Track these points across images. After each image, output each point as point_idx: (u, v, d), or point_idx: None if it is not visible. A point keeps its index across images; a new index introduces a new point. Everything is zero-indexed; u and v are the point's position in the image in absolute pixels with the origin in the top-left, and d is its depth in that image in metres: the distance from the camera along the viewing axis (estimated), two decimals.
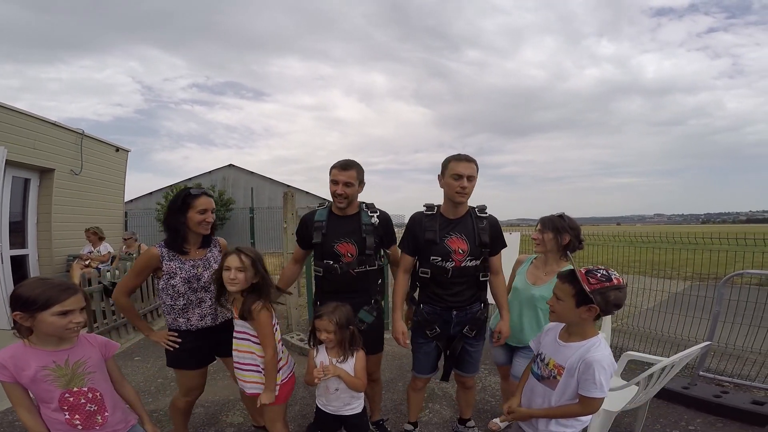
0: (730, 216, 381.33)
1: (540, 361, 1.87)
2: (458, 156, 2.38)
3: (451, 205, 2.44)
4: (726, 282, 3.46)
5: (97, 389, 1.68)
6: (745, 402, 2.98)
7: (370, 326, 2.49)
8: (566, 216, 2.44)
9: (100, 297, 4.64)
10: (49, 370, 1.59)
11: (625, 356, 2.93)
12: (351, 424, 2.26)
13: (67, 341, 1.65)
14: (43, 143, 6.40)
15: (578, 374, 1.68)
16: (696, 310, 4.06)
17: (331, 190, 2.46)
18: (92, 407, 1.66)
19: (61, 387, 1.60)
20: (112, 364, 1.81)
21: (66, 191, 6.88)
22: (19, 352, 1.60)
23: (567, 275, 1.76)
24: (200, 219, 2.27)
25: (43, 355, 1.60)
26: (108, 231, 7.18)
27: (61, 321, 1.56)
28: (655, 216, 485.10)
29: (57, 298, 1.56)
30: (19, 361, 1.57)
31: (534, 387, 1.85)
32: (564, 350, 1.76)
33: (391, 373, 3.84)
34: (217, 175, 22.79)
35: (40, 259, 6.62)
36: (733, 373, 3.59)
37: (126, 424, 1.77)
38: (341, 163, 2.48)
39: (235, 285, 2.07)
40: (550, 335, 1.88)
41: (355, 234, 2.49)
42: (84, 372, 1.66)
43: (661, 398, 3.15)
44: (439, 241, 2.39)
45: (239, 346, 2.16)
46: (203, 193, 2.34)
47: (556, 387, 1.75)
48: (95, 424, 1.66)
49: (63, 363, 1.62)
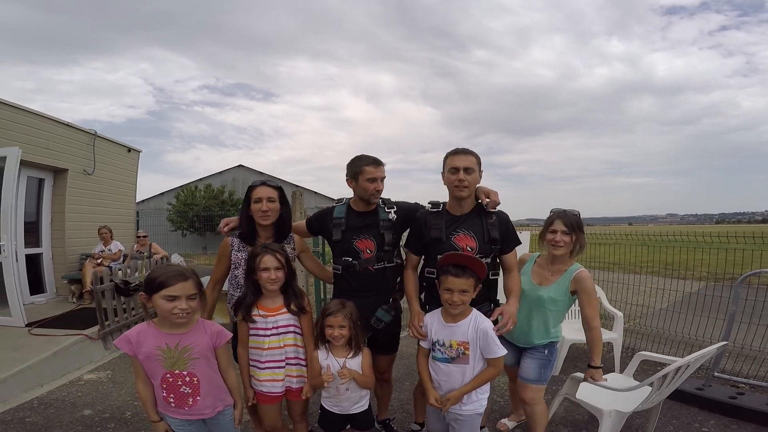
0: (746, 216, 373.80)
1: (441, 347, 2.09)
2: (455, 150, 2.31)
3: (455, 202, 2.34)
4: (742, 281, 3.38)
5: (196, 374, 1.82)
6: (761, 403, 2.91)
7: (387, 325, 2.44)
8: (574, 210, 2.39)
9: (111, 295, 4.69)
10: (160, 350, 1.76)
11: (638, 356, 2.88)
12: (359, 421, 2.24)
13: (180, 326, 1.80)
14: (57, 144, 6.49)
15: (480, 342, 2.02)
16: (711, 310, 3.98)
17: (370, 189, 2.38)
18: (186, 390, 1.81)
19: (165, 367, 1.77)
20: (222, 351, 1.93)
21: (79, 191, 6.97)
22: (144, 330, 1.79)
23: (460, 270, 2.00)
24: (255, 208, 2.30)
25: (161, 336, 1.78)
26: (120, 230, 7.27)
27: (167, 305, 1.71)
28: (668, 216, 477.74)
29: (166, 283, 1.71)
30: (140, 337, 1.76)
31: (449, 371, 2.07)
32: (458, 329, 2.06)
33: (399, 372, 3.81)
34: (227, 175, 22.98)
35: (54, 258, 6.72)
36: (749, 374, 3.51)
37: (213, 409, 1.89)
38: (374, 159, 2.41)
39: (276, 284, 2.10)
40: (434, 324, 2.13)
41: (373, 230, 2.44)
42: (189, 357, 1.80)
43: (674, 399, 3.09)
44: (445, 239, 2.30)
45: (284, 341, 2.15)
46: (262, 183, 2.37)
47: (468, 361, 2.03)
48: (185, 404, 1.82)
49: (173, 346, 1.77)
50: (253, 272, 2.11)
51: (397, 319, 2.53)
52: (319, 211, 2.67)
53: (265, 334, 2.13)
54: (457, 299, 2.01)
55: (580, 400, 2.53)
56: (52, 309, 5.67)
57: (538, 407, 2.41)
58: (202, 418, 1.89)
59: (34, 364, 3.72)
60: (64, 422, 3.04)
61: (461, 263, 2.04)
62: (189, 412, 1.84)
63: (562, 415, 3.00)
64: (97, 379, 3.87)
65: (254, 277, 2.11)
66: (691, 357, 2.22)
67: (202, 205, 18.70)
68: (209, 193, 20.19)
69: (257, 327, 2.13)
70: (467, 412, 2.08)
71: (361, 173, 2.38)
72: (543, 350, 2.43)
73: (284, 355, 2.16)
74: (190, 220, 17.20)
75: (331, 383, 2.12)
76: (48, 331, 4.49)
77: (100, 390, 3.61)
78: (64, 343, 4.13)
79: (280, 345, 2.14)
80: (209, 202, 19.28)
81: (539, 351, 2.44)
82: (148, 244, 6.95)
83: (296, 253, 2.49)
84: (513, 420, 2.91)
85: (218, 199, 19.76)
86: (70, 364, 4.06)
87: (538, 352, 2.44)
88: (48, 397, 3.47)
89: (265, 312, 2.13)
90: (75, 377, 3.89)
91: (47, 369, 3.81)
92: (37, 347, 4.03)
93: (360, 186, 2.40)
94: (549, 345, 2.44)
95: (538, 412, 2.41)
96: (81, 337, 4.34)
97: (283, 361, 2.16)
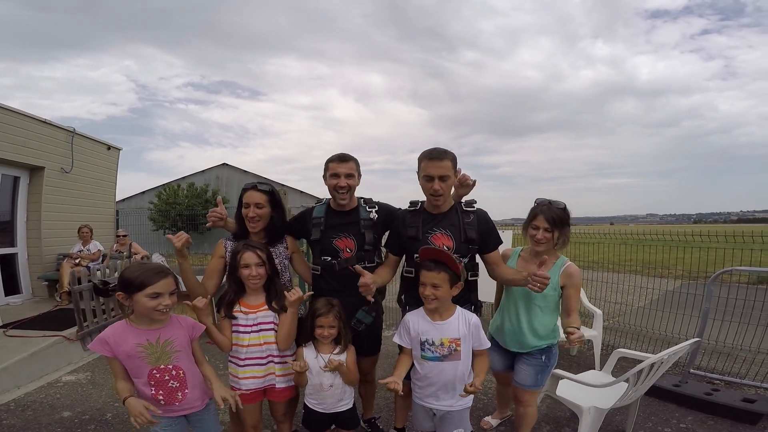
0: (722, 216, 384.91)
1: (431, 346, 2.07)
2: (430, 153, 2.19)
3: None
4: (715, 279, 3.48)
5: (181, 367, 1.84)
6: (735, 399, 2.99)
7: (368, 327, 2.43)
8: (559, 203, 2.31)
9: (90, 296, 4.58)
10: (143, 347, 1.76)
11: (616, 353, 2.94)
12: (344, 419, 2.24)
13: (159, 321, 1.81)
14: (33, 141, 6.32)
15: (472, 337, 2.06)
16: (687, 308, 4.09)
17: (331, 185, 2.36)
18: (174, 384, 1.82)
19: (150, 363, 1.77)
20: (196, 344, 1.95)
21: (56, 189, 6.80)
22: (120, 329, 1.78)
23: (433, 264, 2.01)
24: (244, 213, 2.30)
25: (140, 333, 1.78)
26: (99, 230, 7.10)
27: (151, 302, 1.73)
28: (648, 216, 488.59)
29: (149, 281, 1.72)
30: (119, 337, 1.75)
31: (441, 368, 2.06)
32: (448, 326, 2.06)
33: (383, 372, 3.82)
34: (211, 174, 22.65)
35: (30, 258, 6.54)
36: (724, 370, 3.62)
37: (202, 402, 1.92)
38: (339, 155, 2.39)
39: (258, 281, 2.10)
40: (420, 324, 2.11)
41: (353, 229, 2.42)
42: (171, 350, 1.82)
43: (652, 396, 3.17)
44: (421, 237, 2.27)
45: (264, 338, 2.13)
46: (253, 186, 2.35)
47: (460, 356, 2.05)
48: (175, 400, 1.83)
49: (155, 341, 1.78)
50: (236, 269, 2.11)
51: (378, 321, 2.51)
52: (299, 213, 2.65)
53: (245, 330, 2.12)
54: (429, 293, 2.01)
55: (560, 397, 2.58)
56: (28, 310, 5.51)
57: (531, 409, 2.43)
58: (187, 414, 1.89)
59: (10, 366, 3.61)
60: (42, 424, 2.97)
61: (435, 258, 2.05)
62: (180, 407, 1.85)
63: (544, 412, 3.05)
64: (75, 380, 3.79)
65: (236, 274, 2.11)
66: (665, 353, 2.28)
67: (185, 204, 18.38)
68: (192, 191, 19.86)
69: (238, 324, 2.12)
70: (458, 408, 2.10)
71: (327, 169, 2.40)
72: (540, 356, 2.35)
73: (267, 351, 2.15)
74: (173, 219, 16.89)
75: (312, 380, 2.12)
76: (24, 332, 4.36)
77: (79, 391, 3.53)
78: (41, 345, 4.02)
79: (260, 342, 2.13)
80: (192, 201, 18.96)
81: (536, 357, 2.35)
82: (128, 244, 6.82)
83: (288, 254, 2.47)
84: (496, 417, 2.94)
85: (201, 198, 19.45)
86: (48, 365, 3.96)
87: (535, 358, 2.35)
88: (25, 399, 3.38)
89: (246, 309, 2.13)
90: (53, 379, 3.80)
91: (24, 370, 3.71)
92: (13, 348, 3.92)
93: (326, 182, 2.41)
94: (546, 350, 2.35)
95: (530, 414, 2.43)
96: (58, 338, 4.23)
97: (265, 358, 2.15)
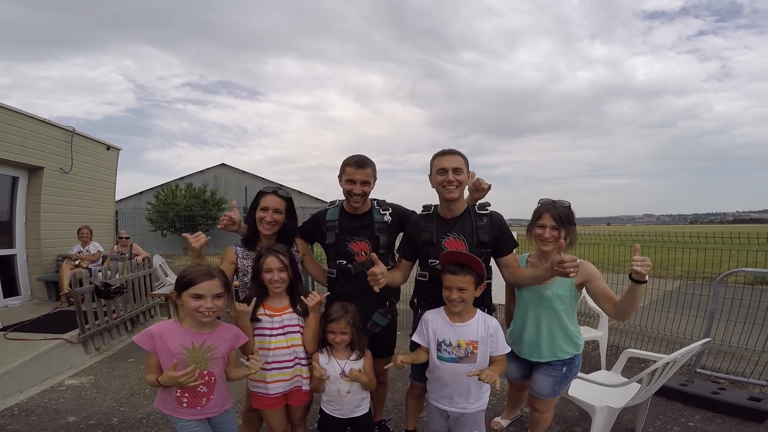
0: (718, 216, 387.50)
1: (447, 347, 2.07)
2: (442, 151, 2.26)
3: (446, 204, 2.28)
4: (721, 280, 3.50)
5: (214, 374, 1.83)
6: (742, 398, 3.02)
7: (384, 329, 2.42)
8: (563, 201, 2.27)
9: (91, 298, 4.54)
10: (186, 349, 1.75)
11: (626, 353, 2.94)
12: (360, 424, 2.22)
13: (207, 326, 1.81)
14: (32, 141, 6.26)
15: (490, 341, 2.04)
16: (690, 308, 4.10)
17: (346, 189, 2.34)
18: (203, 389, 1.81)
19: (187, 366, 1.71)
20: (233, 352, 1.95)
21: (55, 190, 6.74)
22: (170, 327, 1.79)
23: (458, 268, 2.00)
24: (260, 216, 2.27)
25: (187, 335, 1.78)
26: (98, 231, 7.05)
27: (193, 303, 1.73)
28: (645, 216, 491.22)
29: (193, 281, 1.72)
30: (165, 335, 1.75)
31: (455, 370, 2.05)
32: (467, 329, 2.06)
33: (392, 373, 3.80)
34: (209, 174, 22.59)
35: (29, 259, 6.48)
36: (729, 370, 3.64)
37: (221, 408, 1.90)
38: (357, 160, 2.33)
39: (280, 285, 2.08)
40: (438, 324, 2.11)
41: (367, 232, 2.41)
42: (211, 357, 1.81)
43: (660, 395, 3.18)
44: (436, 242, 2.25)
45: (290, 340, 2.12)
46: (273, 191, 2.32)
47: (476, 359, 2.03)
48: (198, 404, 1.81)
49: (198, 345, 1.78)
50: (259, 273, 2.10)
51: (393, 323, 2.51)
52: (312, 216, 2.63)
53: (270, 333, 2.10)
54: (455, 296, 2.00)
55: (573, 397, 2.57)
56: (28, 312, 5.47)
57: (547, 415, 2.42)
58: (209, 417, 1.88)
59: (12, 370, 3.58)
60: (48, 429, 2.94)
61: (460, 261, 2.04)
62: (200, 412, 1.83)
63: (554, 412, 3.04)
64: (79, 384, 3.75)
65: (260, 278, 2.10)
66: (678, 353, 2.28)
67: (183, 205, 18.30)
68: (190, 192, 19.77)
69: (263, 327, 2.10)
70: (473, 410, 2.10)
71: (343, 172, 2.38)
72: (561, 368, 2.27)
73: (294, 354, 2.13)
74: (171, 220, 16.81)
75: (330, 386, 2.11)
76: (25, 335, 4.32)
77: (84, 396, 3.50)
78: (43, 348, 3.98)
79: (286, 345, 2.11)
80: (190, 201, 18.88)
81: (557, 368, 2.27)
82: (130, 245, 6.77)
83: (299, 257, 2.45)
84: (506, 418, 2.94)
85: (200, 199, 19.36)
86: (50, 369, 3.92)
87: (556, 369, 2.27)
88: (28, 403, 3.34)
89: (271, 312, 2.11)
90: (56, 383, 3.76)
91: (26, 374, 3.68)
92: (14, 351, 3.88)
93: (341, 184, 2.39)
94: (569, 362, 2.27)
95: (545, 419, 2.43)
96: (60, 341, 4.19)
97: (292, 360, 2.13)
